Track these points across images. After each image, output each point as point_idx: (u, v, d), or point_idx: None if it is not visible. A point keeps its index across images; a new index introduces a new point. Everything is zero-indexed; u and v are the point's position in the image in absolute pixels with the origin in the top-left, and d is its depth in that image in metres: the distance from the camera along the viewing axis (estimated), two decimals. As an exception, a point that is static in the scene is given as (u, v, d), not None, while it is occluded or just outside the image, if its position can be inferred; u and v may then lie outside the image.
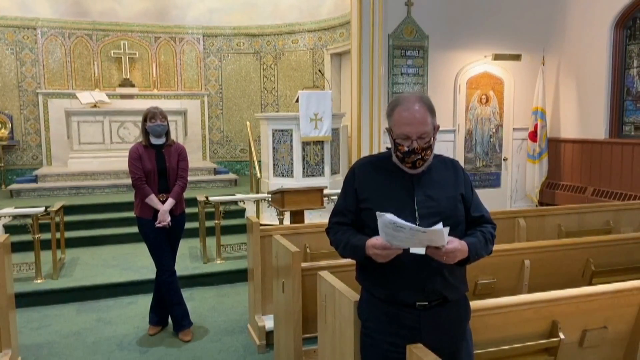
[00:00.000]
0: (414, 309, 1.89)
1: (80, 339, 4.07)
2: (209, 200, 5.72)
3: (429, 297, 1.89)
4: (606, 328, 2.34)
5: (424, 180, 1.93)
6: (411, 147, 1.85)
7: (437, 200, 1.91)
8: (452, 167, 2.02)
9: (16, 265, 5.04)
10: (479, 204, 2.04)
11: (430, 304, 1.89)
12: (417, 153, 1.85)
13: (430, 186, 1.93)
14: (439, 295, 1.89)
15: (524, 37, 7.69)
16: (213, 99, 10.14)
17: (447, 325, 1.92)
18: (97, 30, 9.53)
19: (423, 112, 1.87)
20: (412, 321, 1.89)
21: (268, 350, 3.79)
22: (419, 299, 1.88)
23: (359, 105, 7.34)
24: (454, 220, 1.89)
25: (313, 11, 9.66)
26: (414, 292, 1.88)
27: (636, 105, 6.79)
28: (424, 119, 1.86)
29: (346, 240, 1.96)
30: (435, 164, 1.97)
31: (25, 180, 8.10)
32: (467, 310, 2.02)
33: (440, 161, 2.01)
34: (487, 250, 1.95)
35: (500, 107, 7.84)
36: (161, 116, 3.91)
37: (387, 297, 1.92)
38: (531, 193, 7.76)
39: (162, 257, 3.99)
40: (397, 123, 1.88)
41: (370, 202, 1.93)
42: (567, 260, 3.32)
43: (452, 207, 1.92)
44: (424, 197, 1.90)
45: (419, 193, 1.91)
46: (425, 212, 1.87)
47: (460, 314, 1.98)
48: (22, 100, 9.21)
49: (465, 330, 2.00)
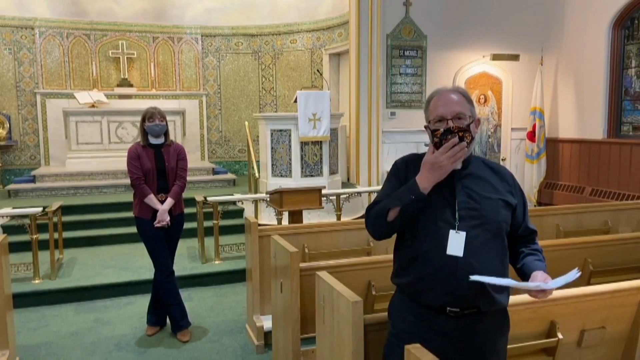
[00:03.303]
0: (445, 315, 1.81)
1: (78, 339, 4.06)
2: (207, 200, 5.71)
3: (460, 303, 1.79)
4: (604, 328, 2.34)
5: (467, 181, 1.85)
6: (447, 127, 1.78)
7: (479, 202, 1.83)
8: (500, 173, 1.94)
9: (14, 266, 5.03)
10: (528, 219, 1.95)
11: (463, 312, 1.80)
12: (454, 133, 1.75)
13: (473, 187, 1.85)
14: (471, 304, 1.79)
15: (522, 37, 7.70)
16: (211, 99, 10.13)
17: (478, 338, 1.82)
18: (95, 30, 9.52)
19: (458, 96, 1.86)
20: (442, 327, 1.81)
21: (266, 350, 3.79)
22: (448, 304, 1.79)
23: (358, 105, 7.34)
24: (496, 226, 1.82)
25: (311, 11, 9.66)
26: (442, 294, 1.79)
27: (634, 105, 6.80)
28: (460, 102, 1.84)
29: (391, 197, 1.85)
30: (480, 167, 1.91)
31: (23, 181, 8.08)
32: (504, 323, 1.91)
33: (486, 164, 1.95)
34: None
35: (499, 107, 7.85)
36: (160, 116, 3.90)
37: (416, 296, 1.85)
38: (529, 193, 7.77)
39: (160, 257, 3.98)
40: (432, 110, 1.86)
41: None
42: (565, 260, 3.31)
43: (495, 211, 1.83)
44: (466, 198, 1.83)
45: (460, 193, 1.83)
46: (465, 213, 1.81)
47: (495, 328, 1.87)
48: (20, 100, 9.19)
49: (498, 347, 1.88)
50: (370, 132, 7.35)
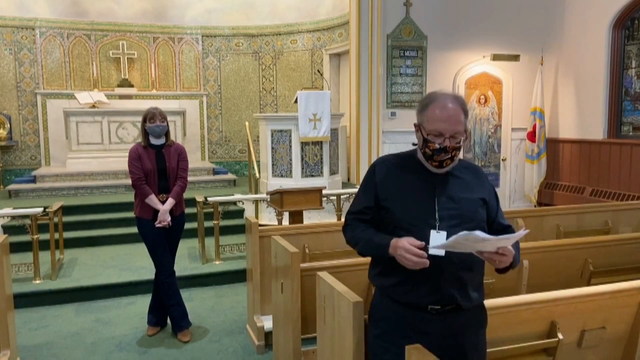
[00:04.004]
0: (426, 312, 1.87)
1: (79, 339, 4.07)
2: (208, 200, 5.72)
3: (443, 301, 1.86)
4: (605, 328, 2.34)
5: (446, 182, 1.91)
6: (443, 145, 1.82)
7: (458, 203, 1.88)
8: (474, 172, 2.00)
9: (15, 266, 5.03)
10: (502, 214, 2.02)
11: (443, 309, 1.87)
12: (448, 152, 1.82)
13: (452, 188, 1.90)
14: (453, 301, 1.86)
15: (522, 38, 7.70)
16: (212, 99, 10.13)
17: (458, 331, 1.89)
18: (96, 30, 9.52)
19: (458, 111, 1.85)
20: (424, 325, 1.87)
21: (267, 350, 3.79)
22: (432, 302, 1.86)
23: (358, 105, 7.35)
24: (475, 224, 1.86)
25: (311, 11, 9.66)
26: (427, 293, 1.85)
27: (634, 105, 6.80)
28: (459, 118, 1.84)
29: (367, 238, 1.93)
30: (458, 168, 1.95)
31: (23, 181, 8.09)
32: (481, 318, 1.98)
33: (463, 165, 1.99)
34: (519, 259, 1.95)
35: (499, 107, 7.85)
36: (160, 117, 3.90)
37: (401, 297, 1.90)
38: (530, 193, 7.77)
39: (161, 258, 3.99)
40: (431, 119, 1.85)
41: (391, 202, 1.91)
42: (565, 260, 3.32)
43: (473, 210, 1.90)
44: (445, 199, 1.88)
45: (440, 194, 1.88)
46: (445, 213, 1.85)
47: (474, 323, 1.94)
48: (21, 101, 9.19)
49: (478, 341, 1.95)
50: (370, 132, 7.35)
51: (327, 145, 6.88)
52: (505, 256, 1.76)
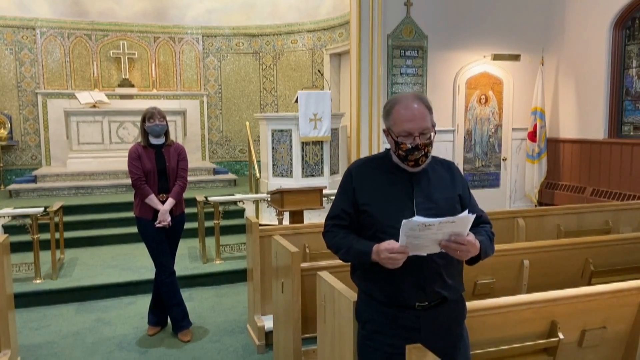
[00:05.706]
0: (414, 310, 1.91)
1: (80, 339, 4.07)
2: (208, 200, 5.72)
3: (429, 297, 1.90)
4: (605, 328, 2.34)
5: (423, 181, 1.94)
6: (414, 144, 1.86)
7: (436, 202, 1.92)
8: (449, 169, 2.04)
9: (15, 266, 5.04)
10: (475, 205, 2.05)
11: (430, 304, 1.91)
12: (421, 149, 1.86)
13: (428, 187, 1.94)
14: (439, 296, 1.91)
15: (523, 37, 7.70)
16: (212, 99, 10.14)
17: (445, 324, 1.95)
18: (96, 30, 9.53)
19: (422, 108, 1.89)
20: (412, 322, 1.91)
21: (267, 350, 3.79)
22: (419, 300, 1.90)
23: (358, 105, 7.34)
24: None
25: (312, 11, 9.66)
26: (414, 293, 1.89)
27: (635, 105, 6.79)
28: (424, 115, 1.89)
29: (348, 245, 1.95)
30: (432, 165, 1.99)
31: (24, 181, 8.09)
32: (464, 309, 2.05)
33: (437, 162, 2.02)
34: (492, 249, 1.97)
35: (500, 107, 7.84)
36: (160, 116, 3.90)
37: (387, 298, 1.93)
38: (530, 193, 7.76)
39: (161, 258, 3.99)
40: (398, 121, 1.89)
41: (370, 205, 1.93)
42: (566, 260, 3.32)
43: (450, 207, 1.93)
44: (422, 199, 1.91)
45: (417, 194, 1.92)
46: (424, 213, 1.87)
47: (458, 314, 2.00)
48: (21, 101, 9.20)
49: (462, 329, 2.02)
50: (371, 132, 7.34)
51: (328, 145, 6.88)
52: (463, 245, 1.76)
